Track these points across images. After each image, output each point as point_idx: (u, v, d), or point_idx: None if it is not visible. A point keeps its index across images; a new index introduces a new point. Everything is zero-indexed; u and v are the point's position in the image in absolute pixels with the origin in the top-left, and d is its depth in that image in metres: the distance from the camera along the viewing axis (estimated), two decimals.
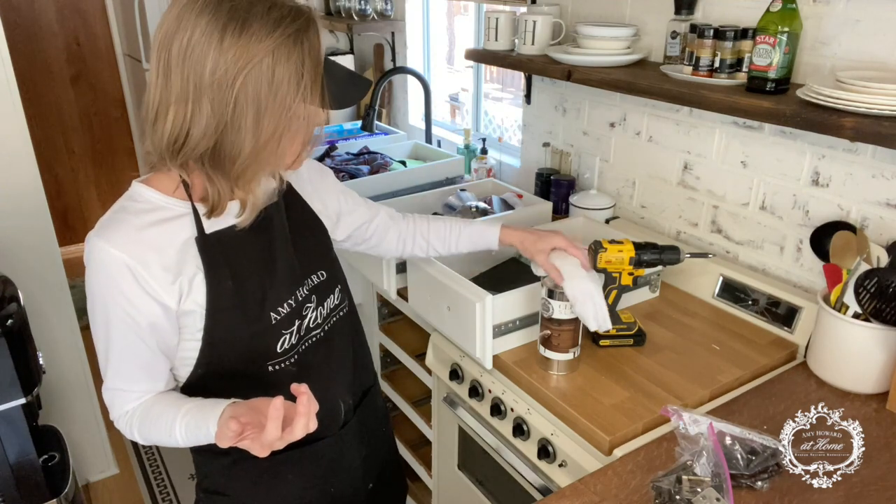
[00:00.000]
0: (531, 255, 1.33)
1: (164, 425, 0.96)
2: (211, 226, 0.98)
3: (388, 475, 1.34)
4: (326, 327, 1.11)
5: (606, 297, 1.41)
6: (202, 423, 0.92)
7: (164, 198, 0.96)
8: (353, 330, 1.21)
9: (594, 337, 1.43)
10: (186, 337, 0.99)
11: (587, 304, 1.25)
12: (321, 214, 1.17)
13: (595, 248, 1.38)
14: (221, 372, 1.01)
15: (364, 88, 1.04)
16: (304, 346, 1.07)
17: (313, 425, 0.85)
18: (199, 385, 1.02)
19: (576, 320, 1.29)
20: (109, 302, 0.93)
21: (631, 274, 1.40)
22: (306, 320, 1.07)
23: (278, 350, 1.02)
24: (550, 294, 1.29)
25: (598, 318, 1.26)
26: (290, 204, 1.10)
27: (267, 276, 1.02)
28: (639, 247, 1.39)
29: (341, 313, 1.15)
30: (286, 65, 0.87)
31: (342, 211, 1.26)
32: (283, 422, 0.83)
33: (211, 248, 0.97)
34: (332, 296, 1.13)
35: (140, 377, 0.99)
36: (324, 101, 0.92)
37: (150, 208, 0.96)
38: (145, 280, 0.92)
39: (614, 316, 1.42)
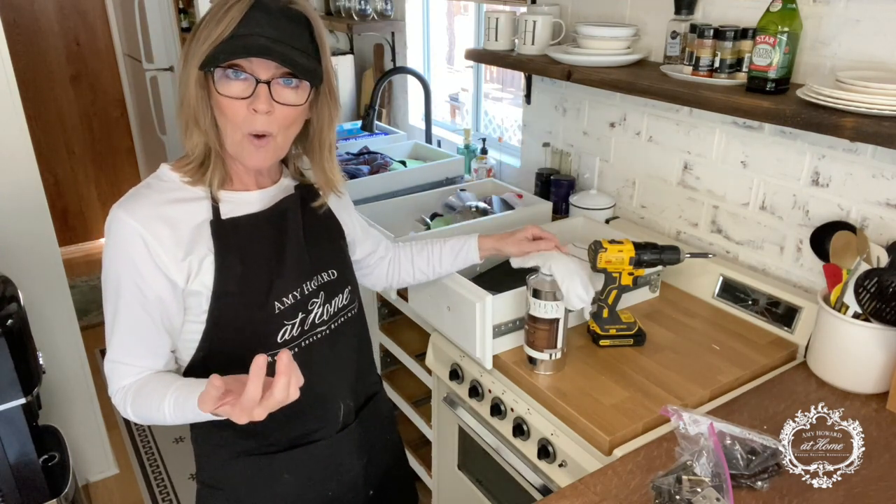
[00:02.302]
0: (511, 251, 1.37)
1: (155, 400, 0.97)
2: (227, 212, 1.02)
3: (394, 485, 1.33)
4: (333, 326, 1.12)
5: (606, 297, 1.41)
6: (190, 397, 0.93)
7: (187, 180, 1.01)
8: (360, 334, 1.21)
9: (594, 337, 1.43)
10: (191, 318, 1.01)
11: (574, 279, 1.27)
12: (346, 226, 1.20)
13: (595, 248, 1.38)
14: (222, 357, 1.02)
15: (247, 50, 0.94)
16: (307, 341, 1.08)
17: (294, 392, 0.83)
18: (199, 370, 1.04)
19: (552, 321, 1.29)
20: (122, 271, 0.96)
21: (631, 274, 1.40)
22: (311, 315, 1.07)
23: (279, 340, 1.03)
24: (535, 293, 1.29)
25: (581, 297, 1.27)
26: (311, 203, 1.12)
27: (275, 266, 1.03)
28: (639, 247, 1.39)
29: (349, 314, 1.16)
30: (198, 35, 0.94)
31: (358, 237, 1.28)
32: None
33: (224, 232, 1.00)
34: (340, 295, 1.13)
35: (141, 352, 1.00)
36: (205, 63, 0.93)
37: (172, 188, 1.00)
38: (157, 253, 0.95)
39: (614, 316, 1.42)
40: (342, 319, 1.14)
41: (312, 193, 1.13)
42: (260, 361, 0.81)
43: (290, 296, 1.04)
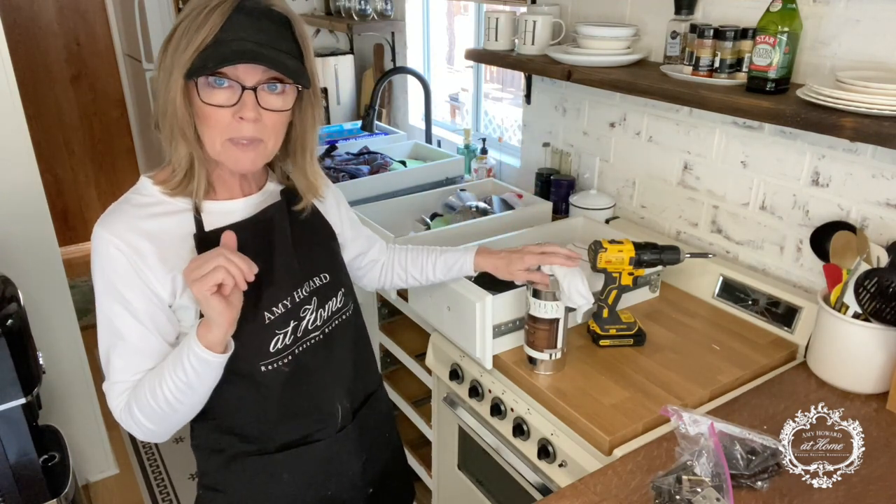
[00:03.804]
0: (508, 278, 1.32)
1: (154, 378, 0.95)
2: (211, 223, 1.00)
3: (393, 482, 1.33)
4: (327, 330, 1.11)
5: (606, 297, 1.41)
6: (184, 345, 0.93)
7: (168, 192, 0.98)
8: (357, 334, 1.20)
9: (594, 337, 1.43)
10: (184, 331, 1.00)
11: (575, 277, 1.26)
12: (335, 226, 1.18)
13: (595, 248, 1.39)
14: None
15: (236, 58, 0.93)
16: (300, 348, 1.07)
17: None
18: None
19: (552, 321, 1.29)
20: (110, 288, 0.95)
21: (631, 274, 1.40)
22: (304, 322, 1.06)
23: (271, 350, 1.02)
24: (535, 293, 1.29)
25: (583, 293, 1.27)
26: (295, 206, 1.10)
27: (263, 276, 1.01)
28: (639, 247, 1.39)
29: (344, 317, 1.15)
30: (178, 41, 0.90)
31: (347, 237, 1.27)
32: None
33: (209, 244, 0.97)
34: (334, 299, 1.12)
35: (145, 366, 0.98)
36: (191, 73, 0.90)
37: (153, 202, 0.98)
38: (139, 268, 0.94)
39: (614, 316, 1.42)
40: (336, 323, 1.13)
41: (299, 197, 1.11)
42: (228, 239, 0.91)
43: (280, 305, 1.03)
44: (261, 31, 0.90)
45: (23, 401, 1.70)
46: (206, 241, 0.98)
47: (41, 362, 1.80)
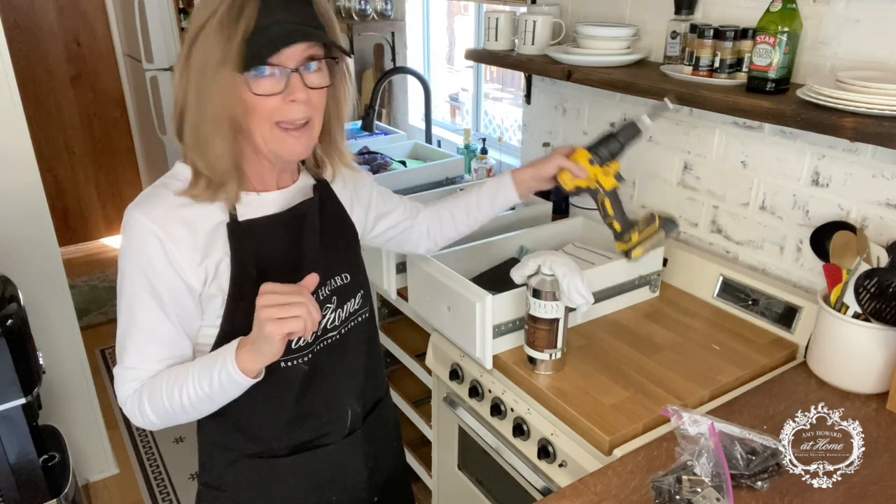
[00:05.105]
0: (549, 172, 1.30)
1: (175, 379, 0.95)
2: (244, 213, 0.99)
3: (396, 493, 1.32)
4: (343, 330, 1.11)
5: (604, 212, 1.32)
6: (217, 359, 0.92)
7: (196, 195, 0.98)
8: (369, 338, 1.19)
9: (626, 254, 1.33)
10: (206, 323, 1.00)
11: (575, 277, 1.27)
12: (356, 219, 1.18)
13: (554, 178, 1.30)
14: None
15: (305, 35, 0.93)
16: (318, 347, 1.07)
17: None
18: None
19: (552, 321, 1.29)
20: (138, 273, 0.94)
21: (606, 175, 1.29)
22: (324, 320, 1.07)
23: (293, 346, 1.02)
24: (535, 293, 1.29)
25: (583, 293, 1.27)
26: (326, 204, 1.10)
27: (291, 272, 1.01)
28: (591, 147, 1.29)
29: (360, 319, 1.14)
30: (216, 36, 0.88)
31: (378, 212, 1.27)
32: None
33: (241, 235, 0.98)
34: (352, 300, 1.12)
35: (162, 355, 0.98)
36: (248, 64, 0.89)
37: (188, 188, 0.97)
38: (173, 255, 0.93)
39: (627, 222, 1.31)
40: (353, 324, 1.13)
41: (330, 191, 1.12)
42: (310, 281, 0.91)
43: None
44: (294, 12, 0.91)
45: (23, 401, 1.69)
46: (239, 230, 0.98)
47: (41, 362, 1.80)
